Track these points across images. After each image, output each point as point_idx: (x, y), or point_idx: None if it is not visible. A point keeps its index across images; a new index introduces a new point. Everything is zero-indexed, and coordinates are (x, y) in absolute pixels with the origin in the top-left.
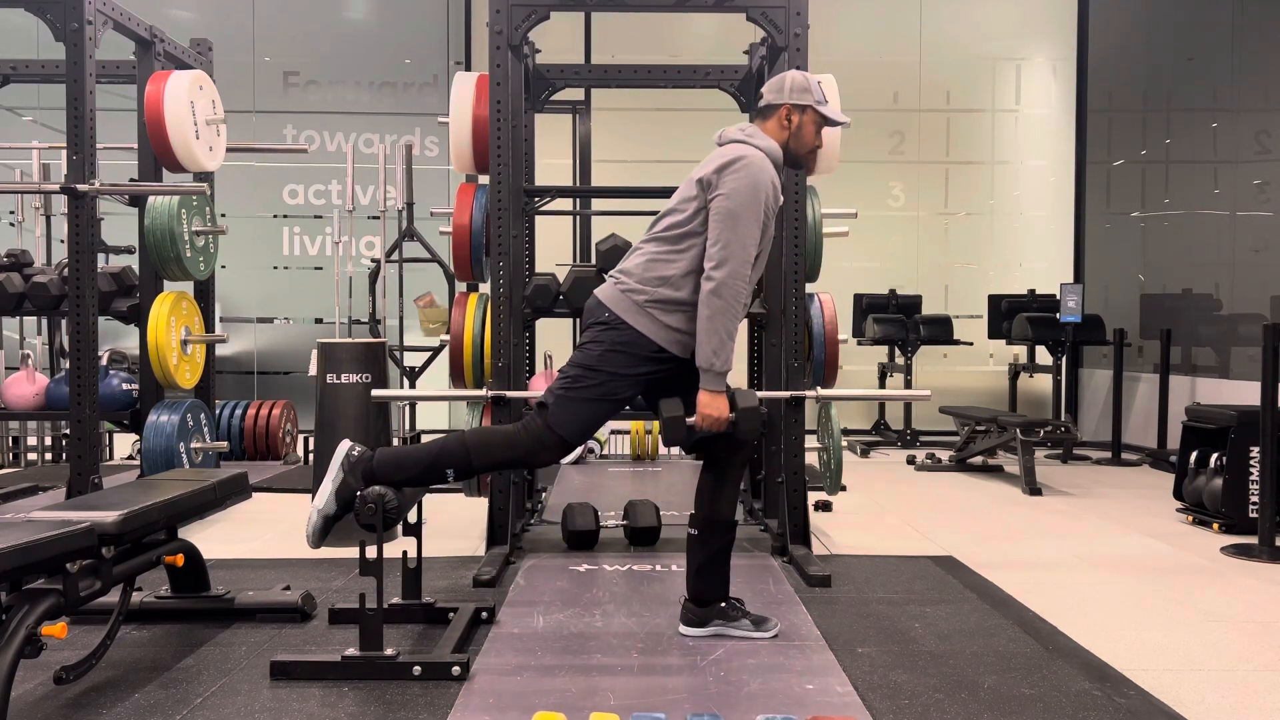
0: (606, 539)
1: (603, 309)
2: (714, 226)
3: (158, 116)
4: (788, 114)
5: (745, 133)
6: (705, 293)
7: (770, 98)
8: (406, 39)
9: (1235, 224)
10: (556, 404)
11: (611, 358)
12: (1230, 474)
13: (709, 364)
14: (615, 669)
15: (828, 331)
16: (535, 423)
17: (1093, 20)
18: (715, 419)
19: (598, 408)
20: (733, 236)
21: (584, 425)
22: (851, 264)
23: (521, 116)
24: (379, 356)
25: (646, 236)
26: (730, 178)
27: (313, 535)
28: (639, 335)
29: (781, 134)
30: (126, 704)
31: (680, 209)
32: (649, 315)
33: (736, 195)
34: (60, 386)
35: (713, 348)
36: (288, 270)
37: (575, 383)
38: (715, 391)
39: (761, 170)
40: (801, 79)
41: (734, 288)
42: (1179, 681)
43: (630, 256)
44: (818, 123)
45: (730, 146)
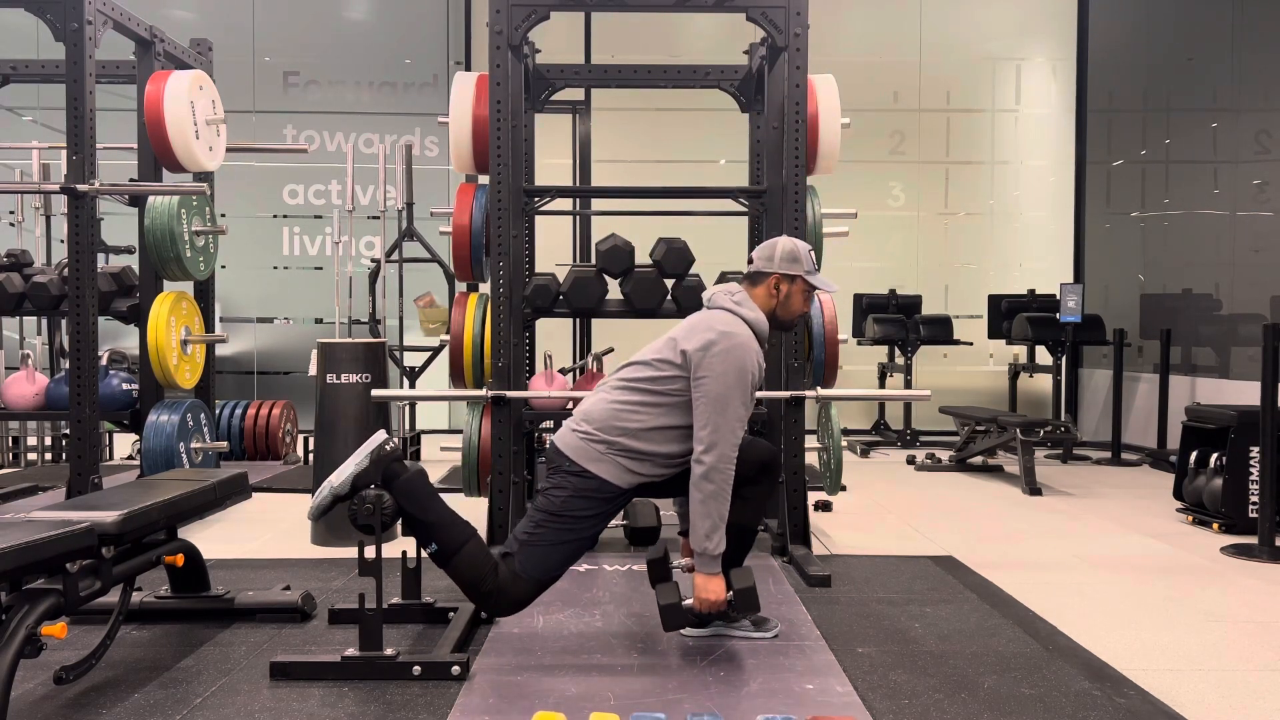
0: (606, 539)
1: (562, 457)
2: (701, 411)
3: (158, 116)
4: (776, 283)
5: (734, 300)
6: (696, 477)
7: (760, 265)
8: (406, 39)
9: (1235, 224)
10: (521, 551)
11: (575, 503)
12: (1230, 474)
13: (703, 548)
14: (615, 669)
15: (828, 331)
16: (505, 568)
17: (1093, 20)
18: (713, 601)
19: (565, 550)
20: (721, 421)
21: (555, 567)
22: (851, 264)
23: (521, 116)
24: (379, 356)
25: (613, 381)
26: (717, 363)
27: (316, 510)
28: (603, 481)
29: (770, 302)
30: (126, 704)
31: (655, 366)
32: (612, 460)
33: (724, 379)
34: (60, 386)
35: (705, 531)
36: (288, 270)
37: (539, 529)
38: (711, 574)
39: (746, 352)
40: (791, 247)
41: (724, 472)
42: (1179, 681)
43: (591, 400)
44: (805, 291)
45: (717, 316)
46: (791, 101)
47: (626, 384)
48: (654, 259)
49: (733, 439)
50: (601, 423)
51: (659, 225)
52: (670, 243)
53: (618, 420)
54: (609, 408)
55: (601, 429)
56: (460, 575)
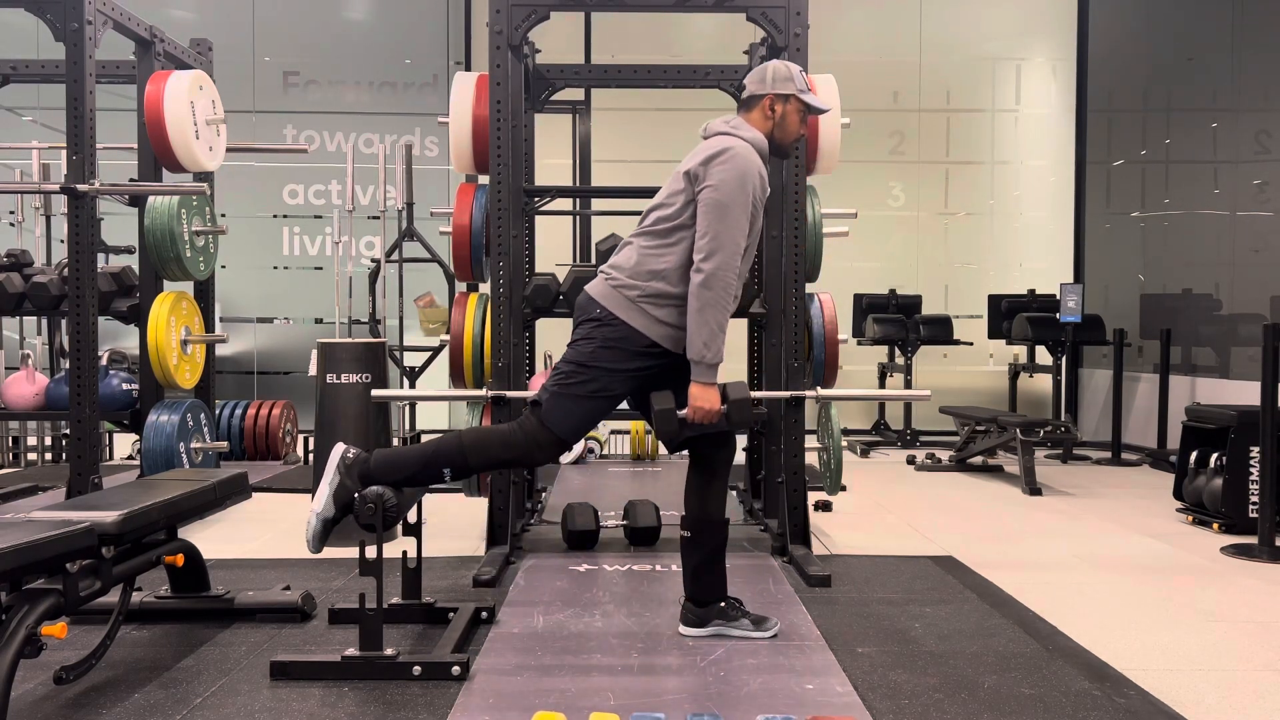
0: (606, 539)
1: (594, 305)
2: (702, 218)
3: (158, 116)
4: (771, 104)
5: (730, 125)
6: (695, 285)
7: (753, 89)
8: (406, 39)
9: (1235, 224)
10: (550, 401)
11: (604, 354)
12: (1230, 474)
13: (700, 356)
14: (615, 669)
15: (828, 331)
16: (530, 421)
17: (1093, 20)
18: (707, 411)
19: (592, 404)
20: (721, 228)
21: (579, 422)
22: (851, 264)
23: (521, 116)
24: (379, 356)
25: (636, 231)
26: (717, 169)
27: (313, 540)
28: (631, 330)
29: (766, 124)
30: (126, 704)
31: (668, 203)
32: (641, 310)
33: (724, 186)
34: (60, 386)
35: (703, 339)
36: (288, 270)
37: (568, 379)
38: (707, 384)
39: (748, 161)
40: (784, 68)
41: (723, 279)
42: (1179, 681)
43: (620, 252)
44: (801, 111)
45: (716, 139)
46: None
47: (648, 230)
48: None
49: (733, 246)
50: (630, 268)
51: None
52: None
53: (645, 263)
54: (636, 253)
55: (631, 274)
56: (486, 463)
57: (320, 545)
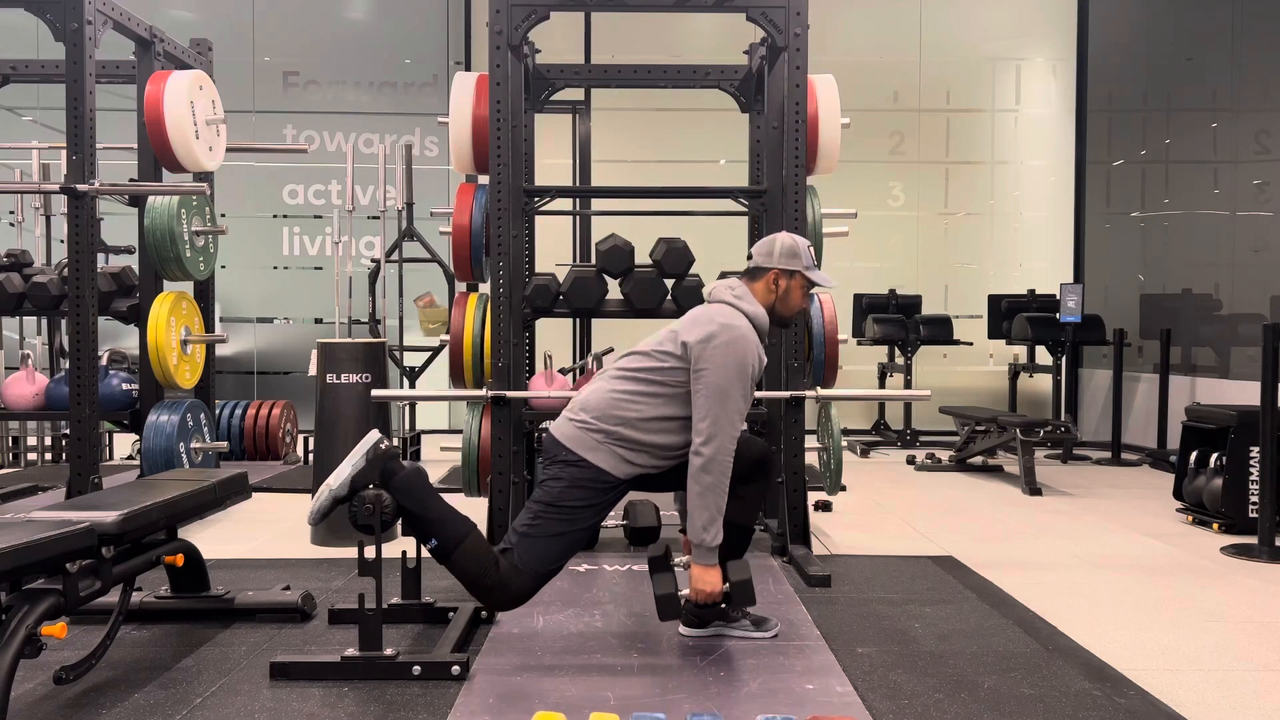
0: (606, 539)
1: (559, 447)
2: (702, 403)
3: (158, 116)
4: (776, 278)
5: (735, 294)
6: (695, 469)
7: (759, 260)
8: (406, 39)
9: (1235, 224)
10: (520, 543)
11: (574, 493)
12: (1230, 474)
13: (700, 540)
14: (615, 669)
15: (828, 331)
16: (505, 562)
17: (1093, 20)
18: (709, 593)
19: (563, 541)
20: (721, 413)
21: (554, 558)
22: (851, 264)
23: (521, 116)
24: (379, 356)
25: (613, 373)
26: (718, 355)
27: (316, 513)
28: (600, 470)
29: (769, 297)
30: (126, 704)
31: (656, 358)
32: (609, 450)
33: (724, 372)
34: (60, 386)
35: (703, 523)
36: (288, 270)
37: (537, 520)
38: (708, 565)
39: (746, 345)
40: (790, 243)
41: (723, 463)
42: (1179, 681)
43: (590, 393)
44: (804, 287)
45: (718, 310)
46: (791, 101)
47: (626, 374)
48: (654, 259)
49: (732, 431)
50: (600, 412)
51: (659, 225)
52: (670, 243)
53: (616, 410)
54: (608, 397)
55: (599, 418)
56: (461, 570)
57: (320, 519)
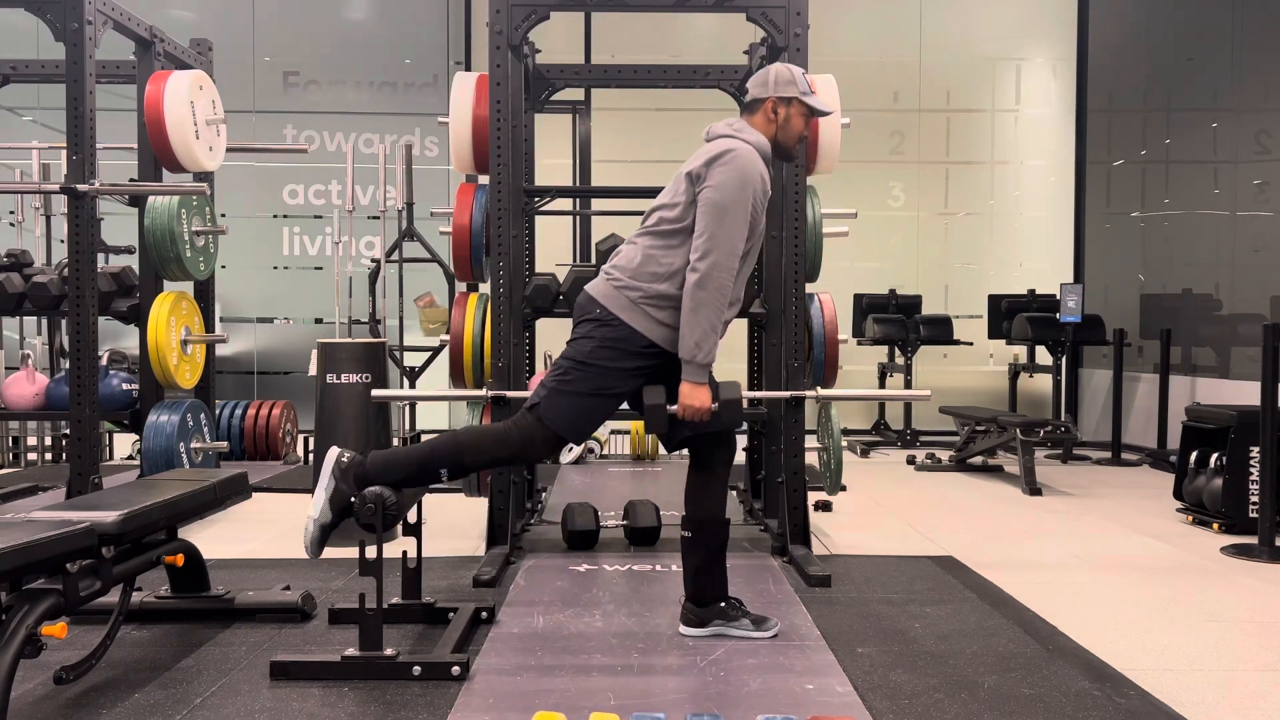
0: (606, 539)
1: (594, 304)
2: (701, 218)
3: (158, 116)
4: (774, 107)
5: (733, 127)
6: (689, 284)
7: (755, 92)
8: (406, 39)
9: (1235, 224)
10: (548, 398)
11: (603, 352)
12: (1230, 474)
13: (691, 355)
14: (615, 669)
15: (828, 331)
16: (526, 419)
17: (1093, 20)
18: (697, 409)
19: (590, 402)
20: (719, 229)
21: (578, 420)
22: (851, 264)
23: (521, 116)
24: (379, 356)
25: (639, 231)
26: (719, 170)
27: (311, 545)
28: (632, 331)
29: (769, 127)
30: (126, 704)
31: (672, 204)
32: (642, 311)
33: (724, 188)
34: (60, 386)
35: (695, 339)
36: (288, 270)
37: (565, 376)
38: (697, 383)
39: (750, 163)
40: (785, 71)
41: (719, 280)
42: (1179, 681)
43: (622, 252)
44: (804, 114)
45: (719, 141)
46: None
47: (651, 230)
48: None
49: (729, 247)
50: (633, 269)
51: None
52: None
53: (648, 265)
54: (639, 253)
55: (633, 275)
56: (483, 462)
57: (318, 551)
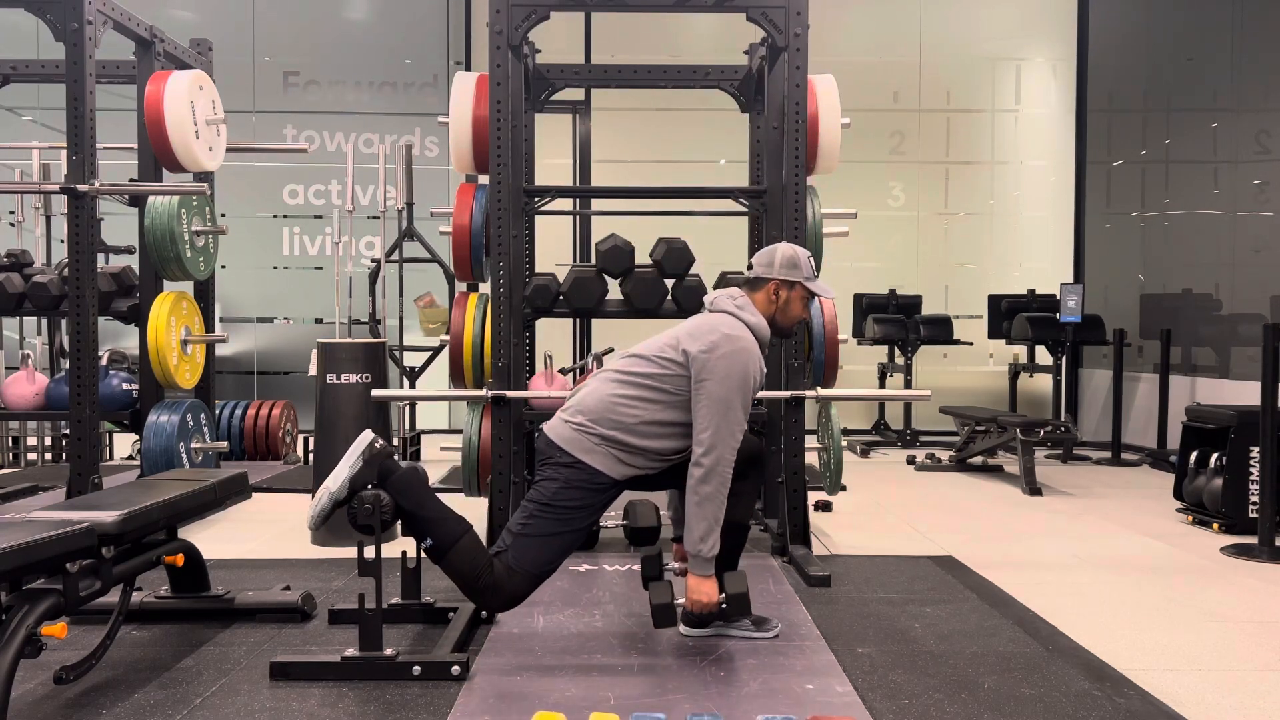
0: (606, 539)
1: (554, 448)
2: (703, 413)
3: (158, 116)
4: (776, 289)
5: (736, 304)
6: (694, 479)
7: (760, 270)
8: (406, 39)
9: (1235, 224)
10: (515, 544)
11: (569, 494)
12: (1230, 474)
13: (697, 550)
14: (615, 669)
15: (828, 331)
16: (500, 566)
17: (1093, 20)
18: (705, 604)
19: (558, 542)
20: (723, 424)
21: (549, 559)
22: (851, 264)
23: (521, 116)
24: (379, 356)
25: (611, 375)
26: (721, 366)
27: (317, 517)
28: (595, 471)
29: (769, 308)
30: (126, 704)
31: (657, 363)
32: (605, 452)
33: (728, 382)
34: (60, 386)
35: (700, 534)
36: (288, 270)
37: (531, 519)
38: (704, 576)
39: (749, 355)
40: (790, 254)
41: (722, 474)
42: (1179, 681)
43: (587, 394)
44: (805, 298)
45: (721, 319)
46: (791, 101)
47: (624, 378)
48: (654, 259)
49: (732, 442)
50: (597, 415)
51: (659, 225)
52: (670, 243)
53: (613, 414)
54: (606, 400)
55: (596, 420)
56: (455, 570)
57: (321, 523)
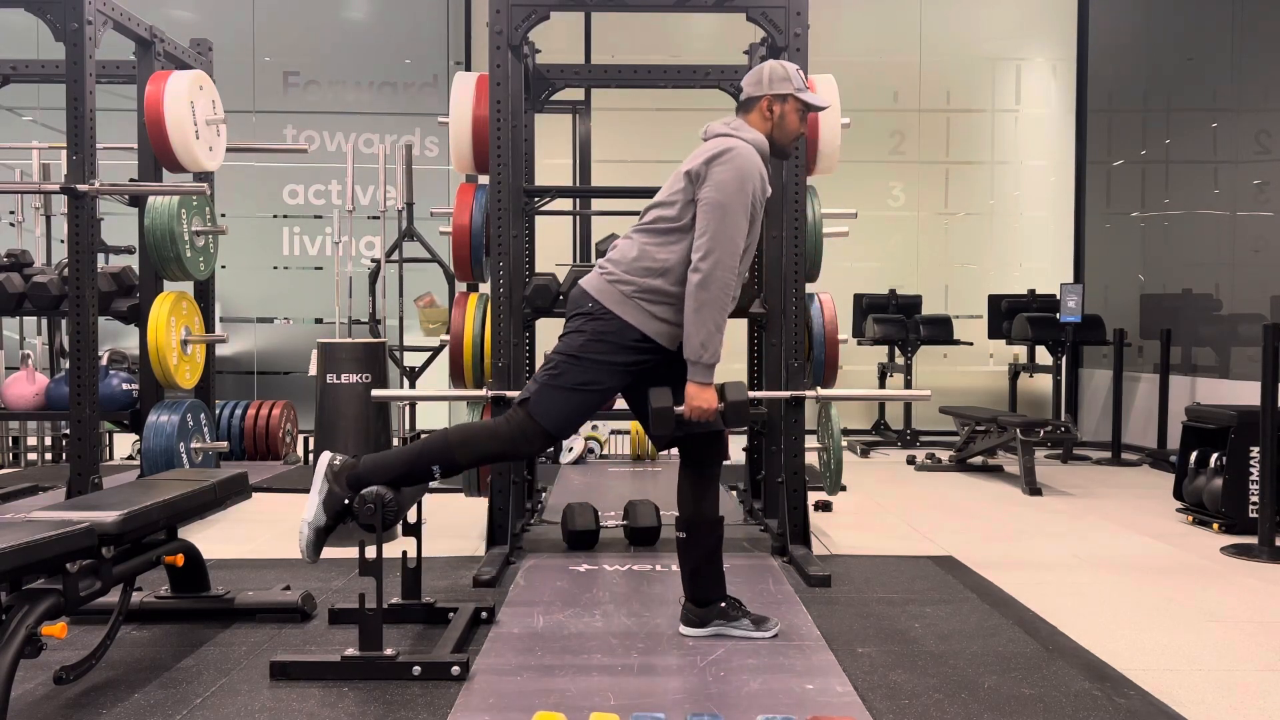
0: (606, 539)
1: (586, 299)
2: (701, 218)
3: (158, 116)
4: (769, 105)
5: (730, 126)
6: (692, 285)
7: (750, 90)
8: (406, 39)
9: (1235, 224)
10: (539, 393)
11: (595, 346)
12: (1230, 474)
13: (697, 356)
14: (615, 669)
15: (828, 331)
16: (518, 414)
17: (1093, 20)
18: (704, 410)
19: (581, 398)
20: (720, 228)
21: (568, 416)
22: (851, 264)
23: (521, 116)
24: (379, 356)
25: (635, 228)
26: (718, 169)
27: (307, 549)
28: (624, 324)
29: (765, 125)
30: (126, 704)
31: (669, 201)
32: (636, 304)
33: (724, 187)
34: (60, 386)
35: (701, 339)
36: (288, 270)
37: (556, 371)
38: (703, 383)
39: (749, 162)
40: (779, 68)
41: (722, 279)
42: (1179, 681)
43: (617, 247)
44: (800, 110)
45: (717, 140)
46: None
47: (650, 227)
48: None
49: (731, 247)
50: (627, 263)
51: None
52: None
53: (643, 260)
54: (635, 248)
55: (627, 270)
56: (474, 458)
57: (316, 554)
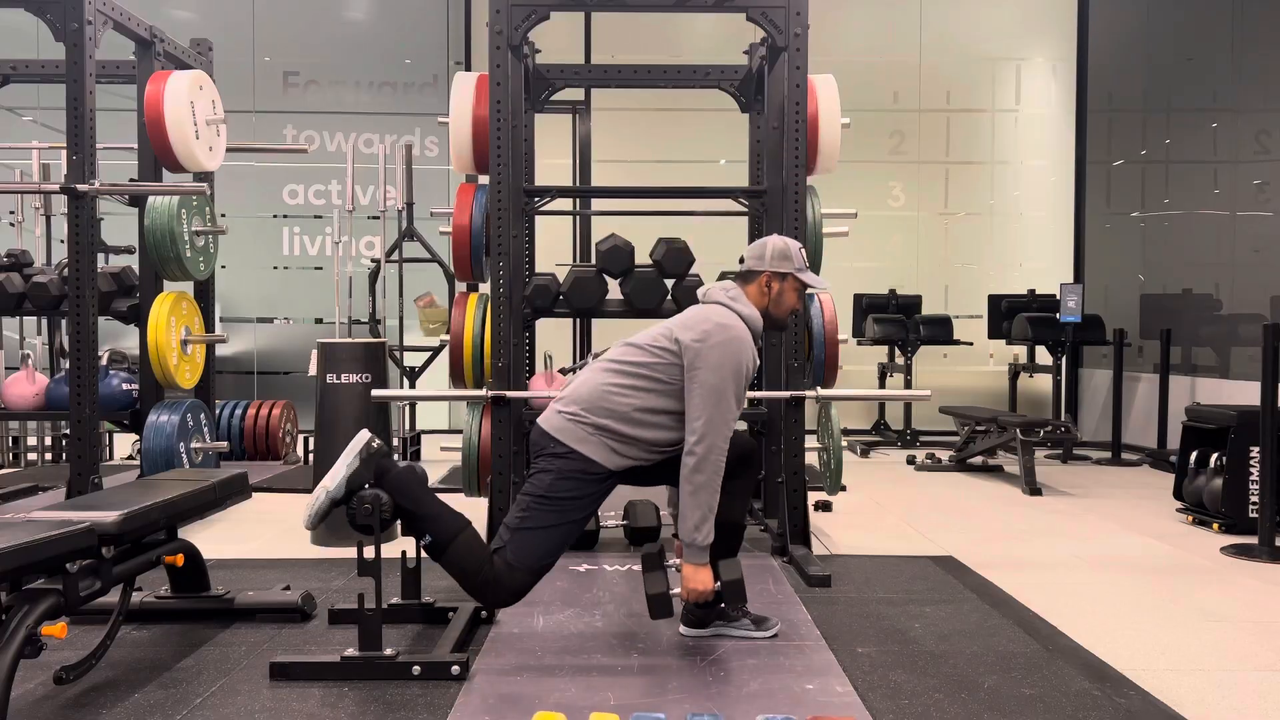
0: (606, 539)
1: (548, 439)
2: (697, 402)
3: (158, 116)
4: (768, 281)
5: (729, 295)
6: (688, 468)
7: (751, 263)
8: (406, 39)
9: (1235, 224)
10: (513, 540)
11: (563, 485)
12: (1230, 474)
13: (691, 539)
14: (615, 669)
15: (828, 331)
16: (500, 561)
17: (1093, 20)
18: (700, 592)
19: (556, 534)
20: (715, 414)
21: (549, 551)
22: (851, 264)
23: (521, 116)
24: (379, 356)
25: (604, 365)
26: (714, 355)
27: (314, 516)
28: (590, 461)
29: (762, 300)
30: (126, 704)
31: (650, 352)
32: (599, 441)
33: (720, 371)
34: (60, 386)
35: (694, 522)
36: (288, 270)
37: (527, 513)
38: (699, 564)
39: (743, 346)
40: (782, 245)
41: (715, 463)
42: (1179, 681)
43: (580, 384)
44: (798, 289)
45: (714, 310)
46: (791, 101)
47: (618, 367)
48: (654, 259)
49: (725, 431)
50: (590, 403)
51: (659, 225)
52: (670, 243)
53: (606, 402)
54: (598, 389)
55: (589, 410)
56: (455, 567)
57: (318, 522)
